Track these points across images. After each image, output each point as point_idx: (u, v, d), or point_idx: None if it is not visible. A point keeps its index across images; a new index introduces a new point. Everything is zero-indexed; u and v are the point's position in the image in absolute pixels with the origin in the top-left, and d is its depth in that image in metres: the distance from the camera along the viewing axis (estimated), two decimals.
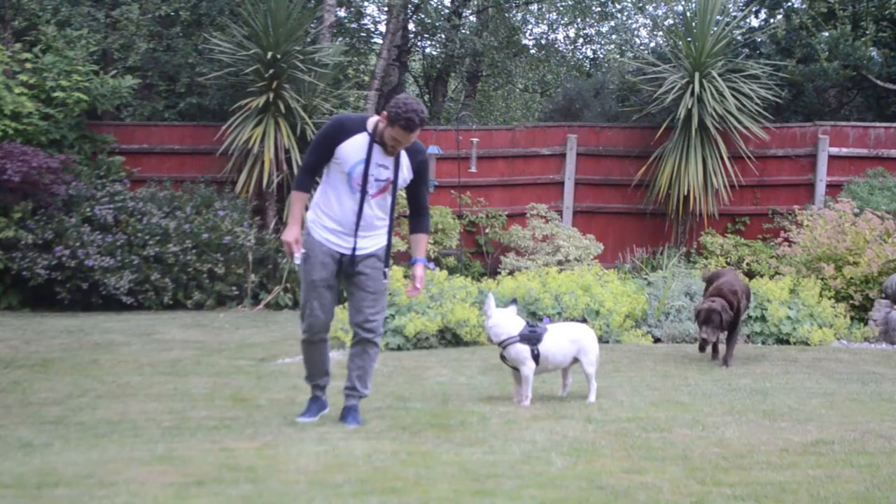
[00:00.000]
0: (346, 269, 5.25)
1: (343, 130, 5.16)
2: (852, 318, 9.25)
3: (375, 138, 5.13)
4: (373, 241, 5.29)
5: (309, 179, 5.32)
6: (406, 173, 5.24)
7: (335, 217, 5.22)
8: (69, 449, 4.75)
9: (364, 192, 5.15)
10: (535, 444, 4.77)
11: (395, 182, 5.19)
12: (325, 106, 12.25)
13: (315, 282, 5.24)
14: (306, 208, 5.40)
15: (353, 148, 5.14)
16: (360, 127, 5.18)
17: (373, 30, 18.78)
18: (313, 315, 5.27)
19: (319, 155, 5.23)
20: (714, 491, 3.95)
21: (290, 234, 5.19)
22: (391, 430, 5.15)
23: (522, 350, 5.80)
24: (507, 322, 5.84)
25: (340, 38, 16.92)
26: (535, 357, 5.81)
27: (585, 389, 6.05)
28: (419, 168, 5.27)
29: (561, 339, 5.94)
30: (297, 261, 5.22)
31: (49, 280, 10.87)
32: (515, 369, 5.90)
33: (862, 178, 11.95)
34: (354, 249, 5.23)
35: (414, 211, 5.45)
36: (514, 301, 6.03)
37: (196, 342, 8.69)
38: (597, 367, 6.06)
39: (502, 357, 5.92)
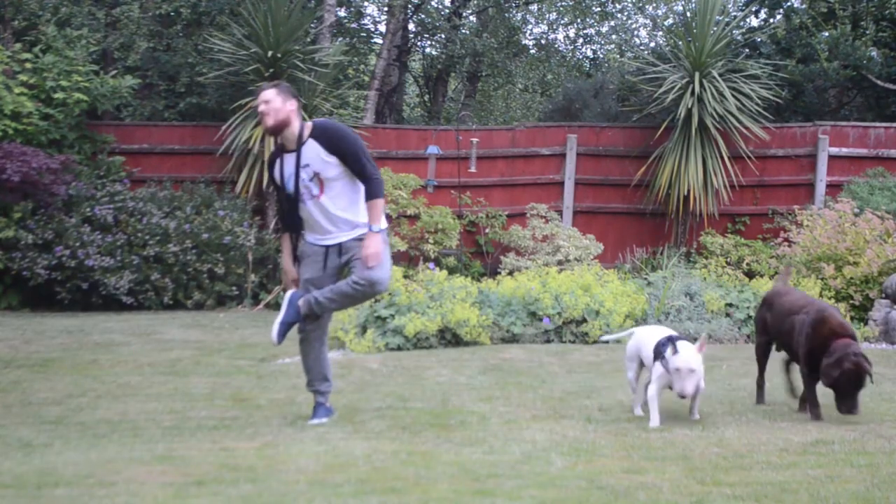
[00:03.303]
0: (334, 261, 5.29)
1: (268, 166, 5.47)
2: (852, 318, 9.23)
3: (276, 149, 5.38)
4: (348, 233, 5.28)
5: (286, 221, 5.45)
6: (325, 157, 5.18)
7: (308, 228, 5.37)
8: (69, 449, 4.76)
9: (298, 199, 5.26)
10: (535, 444, 4.77)
11: (318, 171, 5.19)
12: (326, 106, 12.24)
13: (305, 280, 5.37)
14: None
15: (276, 171, 5.34)
16: (272, 154, 5.42)
17: (373, 30, 18.82)
18: None
19: (278, 198, 5.50)
20: (714, 491, 3.95)
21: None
22: (391, 430, 5.15)
23: None
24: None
25: (340, 38, 16.94)
26: None
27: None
28: (334, 146, 5.18)
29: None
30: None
31: (49, 280, 10.87)
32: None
33: (862, 178, 11.94)
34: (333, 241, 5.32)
35: (363, 184, 5.32)
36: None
37: (196, 342, 8.69)
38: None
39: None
